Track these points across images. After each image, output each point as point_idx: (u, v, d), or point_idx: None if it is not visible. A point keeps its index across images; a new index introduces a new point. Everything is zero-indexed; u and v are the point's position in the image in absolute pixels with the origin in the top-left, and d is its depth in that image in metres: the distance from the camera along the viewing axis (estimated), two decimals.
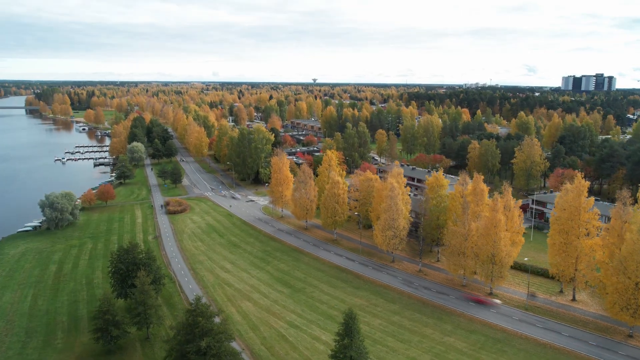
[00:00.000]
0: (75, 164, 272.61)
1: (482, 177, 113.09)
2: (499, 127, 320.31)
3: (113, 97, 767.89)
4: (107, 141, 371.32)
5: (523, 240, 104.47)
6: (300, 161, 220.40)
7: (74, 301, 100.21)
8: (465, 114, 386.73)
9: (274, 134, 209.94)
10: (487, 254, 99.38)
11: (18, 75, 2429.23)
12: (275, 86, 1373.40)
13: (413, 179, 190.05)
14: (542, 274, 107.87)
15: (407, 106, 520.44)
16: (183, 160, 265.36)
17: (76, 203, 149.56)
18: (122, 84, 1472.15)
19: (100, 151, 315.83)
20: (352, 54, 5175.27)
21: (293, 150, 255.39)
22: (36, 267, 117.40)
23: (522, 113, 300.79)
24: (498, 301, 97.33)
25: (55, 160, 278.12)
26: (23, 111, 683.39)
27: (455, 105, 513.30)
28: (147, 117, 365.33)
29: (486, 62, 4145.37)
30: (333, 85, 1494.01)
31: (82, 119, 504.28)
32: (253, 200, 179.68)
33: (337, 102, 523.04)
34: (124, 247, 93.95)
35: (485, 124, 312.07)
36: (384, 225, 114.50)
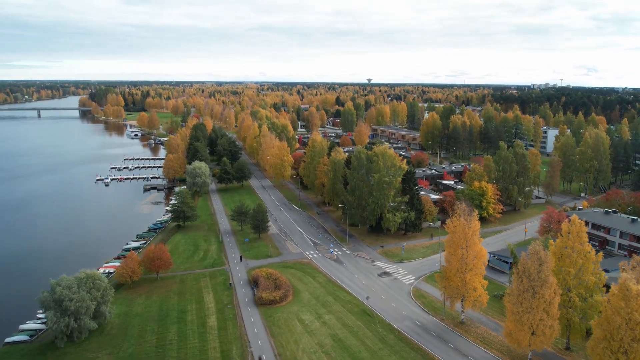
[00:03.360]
0: (120, 187, 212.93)
1: None
2: None
3: (169, 97, 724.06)
4: (161, 151, 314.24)
5: None
6: (434, 197, 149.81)
7: None
8: (602, 123, 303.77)
9: (403, 159, 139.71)
10: None
11: (77, 76, 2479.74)
12: (331, 86, 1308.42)
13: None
14: None
15: (505, 111, 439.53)
16: (260, 186, 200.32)
17: (105, 292, 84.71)
18: (177, 83, 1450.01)
19: (153, 166, 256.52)
20: (396, 54, 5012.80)
21: None
22: None
23: None
24: None
25: (97, 180, 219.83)
26: (77, 112, 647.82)
27: (555, 109, 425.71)
28: (208, 123, 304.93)
29: (536, 62, 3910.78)
30: (392, 85, 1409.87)
31: (135, 123, 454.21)
32: (388, 272, 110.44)
33: (425, 105, 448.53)
34: None
35: None
36: None
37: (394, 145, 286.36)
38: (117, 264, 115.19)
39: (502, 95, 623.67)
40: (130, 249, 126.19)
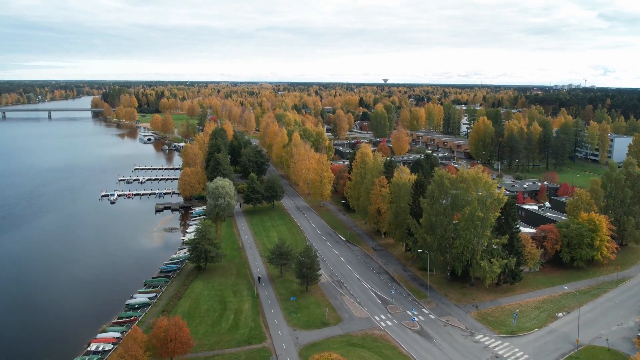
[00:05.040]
0: (128, 205, 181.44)
1: None
2: None
3: (184, 98, 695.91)
4: (176, 157, 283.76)
5: None
6: (528, 230, 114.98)
7: None
8: None
9: (498, 183, 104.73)
10: None
11: (92, 76, 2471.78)
12: (348, 86, 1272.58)
13: None
14: None
15: (552, 114, 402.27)
16: (293, 207, 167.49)
17: None
18: (192, 84, 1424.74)
19: (167, 178, 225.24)
20: (407, 54, 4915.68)
21: None
22: None
23: None
24: None
25: (102, 196, 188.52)
26: (89, 113, 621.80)
27: (604, 112, 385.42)
28: (228, 128, 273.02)
29: (550, 62, 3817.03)
30: (408, 86, 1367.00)
31: (148, 125, 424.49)
32: (501, 357, 76.46)
33: (463, 108, 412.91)
34: None
35: None
36: None
37: (440, 154, 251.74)
38: (116, 333, 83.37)
39: (537, 97, 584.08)
40: (135, 307, 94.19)
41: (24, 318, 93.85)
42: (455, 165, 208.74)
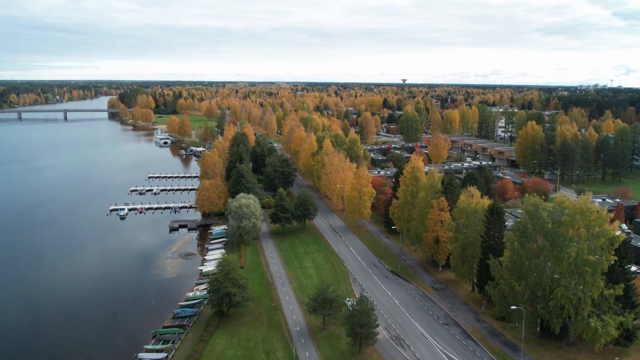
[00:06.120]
0: (139, 221, 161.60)
1: None
2: None
3: (202, 98, 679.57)
4: (193, 163, 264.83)
5: None
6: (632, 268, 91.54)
7: None
8: None
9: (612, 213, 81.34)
10: None
11: (112, 76, 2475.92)
12: (367, 87, 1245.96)
13: None
14: None
15: (591, 117, 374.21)
16: (327, 227, 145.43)
17: None
18: (210, 84, 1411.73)
19: (184, 188, 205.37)
20: (422, 54, 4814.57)
21: None
22: None
23: None
24: None
25: (111, 210, 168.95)
26: (105, 114, 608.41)
27: None
28: (249, 132, 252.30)
29: (570, 62, 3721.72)
30: (428, 86, 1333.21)
31: (165, 127, 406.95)
32: None
33: (500, 109, 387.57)
34: None
35: None
36: None
37: (485, 163, 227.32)
38: None
39: (571, 99, 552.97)
40: None
41: None
42: (508, 176, 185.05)
